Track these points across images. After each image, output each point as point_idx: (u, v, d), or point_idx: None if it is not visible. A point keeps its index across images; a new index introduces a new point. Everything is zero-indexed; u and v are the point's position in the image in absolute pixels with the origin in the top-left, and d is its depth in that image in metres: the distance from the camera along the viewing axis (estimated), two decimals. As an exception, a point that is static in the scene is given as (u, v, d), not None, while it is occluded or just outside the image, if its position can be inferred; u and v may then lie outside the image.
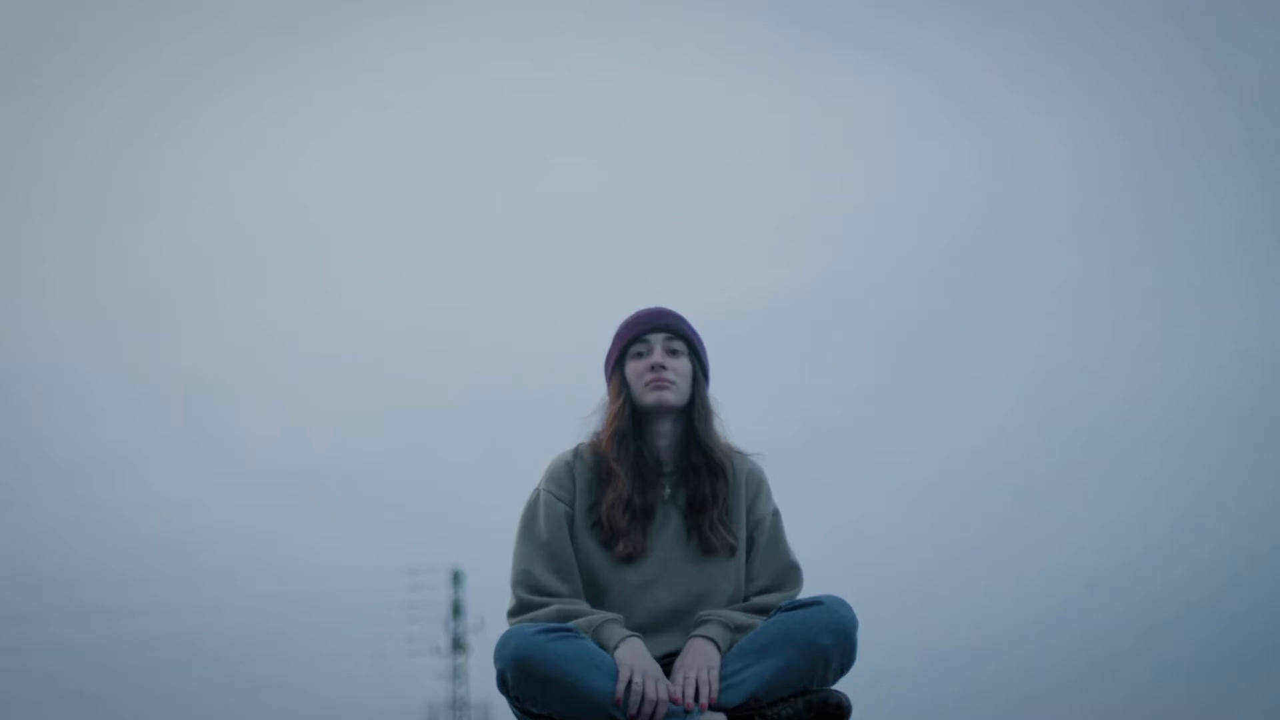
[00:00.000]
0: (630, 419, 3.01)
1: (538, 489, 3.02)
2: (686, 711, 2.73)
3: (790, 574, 3.02)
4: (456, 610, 38.47)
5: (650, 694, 2.72)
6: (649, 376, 2.99)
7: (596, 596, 2.95)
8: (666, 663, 2.86)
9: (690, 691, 2.75)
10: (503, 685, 2.79)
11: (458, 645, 38.20)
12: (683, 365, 3.03)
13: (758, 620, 2.90)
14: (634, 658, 2.77)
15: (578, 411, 3.13)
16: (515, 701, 2.79)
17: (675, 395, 3.00)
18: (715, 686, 2.77)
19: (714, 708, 2.76)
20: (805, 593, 3.00)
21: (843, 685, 2.86)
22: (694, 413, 3.04)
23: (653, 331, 3.04)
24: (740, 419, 3.17)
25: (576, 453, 3.05)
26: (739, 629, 2.88)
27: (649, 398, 2.99)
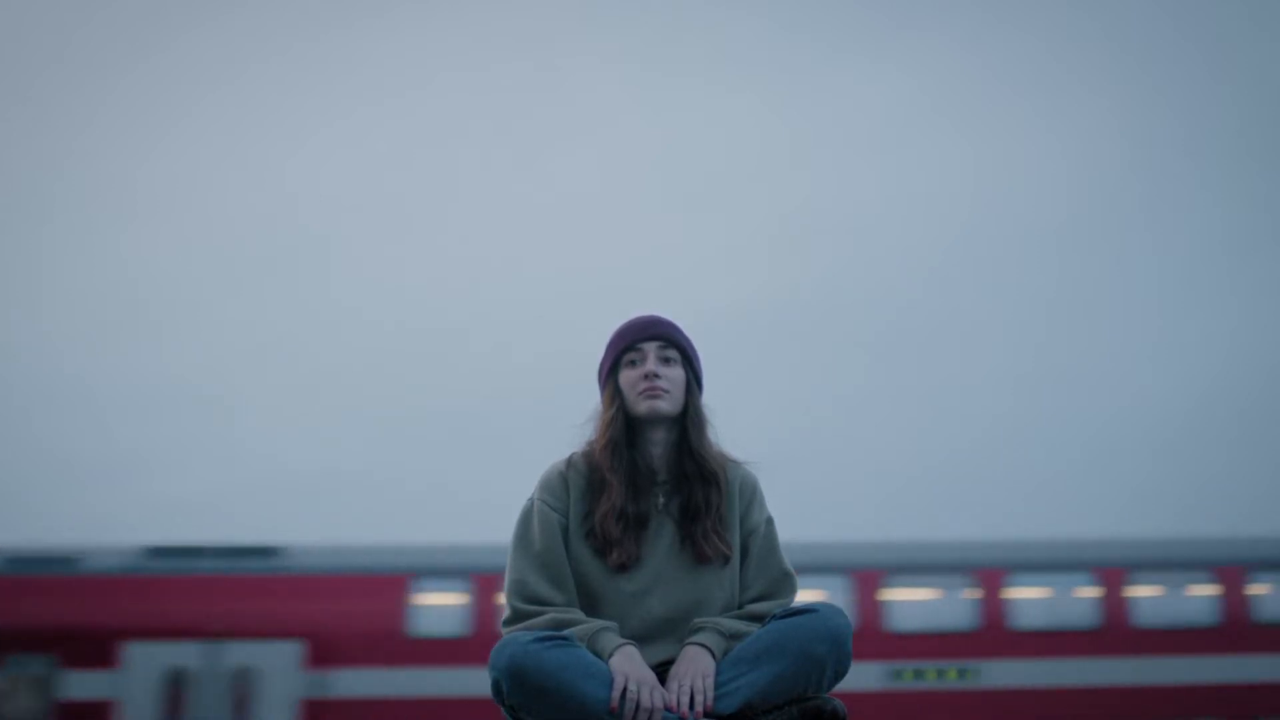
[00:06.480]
0: (624, 428, 3.01)
1: (532, 498, 3.02)
2: (681, 719, 2.74)
3: (784, 582, 3.03)
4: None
5: (645, 702, 2.71)
6: (642, 385, 3.00)
7: (591, 605, 2.95)
8: (661, 671, 2.86)
9: (685, 699, 2.75)
10: (498, 694, 2.78)
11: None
12: (676, 374, 3.04)
13: (752, 628, 2.90)
14: (629, 666, 2.76)
15: (577, 413, 3.13)
16: (511, 710, 2.79)
17: (668, 404, 3.00)
18: (710, 694, 2.77)
19: (709, 715, 2.76)
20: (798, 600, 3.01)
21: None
22: (688, 421, 3.04)
23: (646, 340, 3.05)
24: (739, 419, 3.16)
25: (570, 462, 3.05)
26: (733, 637, 2.88)
27: (642, 406, 2.99)
